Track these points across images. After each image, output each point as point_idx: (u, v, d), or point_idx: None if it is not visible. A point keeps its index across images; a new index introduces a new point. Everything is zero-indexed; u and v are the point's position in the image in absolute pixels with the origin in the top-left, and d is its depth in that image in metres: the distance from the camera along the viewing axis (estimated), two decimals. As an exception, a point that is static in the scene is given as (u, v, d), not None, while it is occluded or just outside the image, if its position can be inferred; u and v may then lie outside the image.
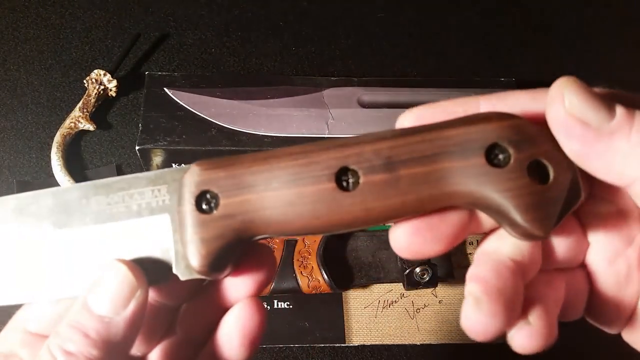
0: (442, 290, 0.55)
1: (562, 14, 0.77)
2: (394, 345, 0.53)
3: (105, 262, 0.23)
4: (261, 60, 0.69)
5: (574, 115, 0.21)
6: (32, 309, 0.25)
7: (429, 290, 0.55)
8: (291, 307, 0.54)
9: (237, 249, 0.24)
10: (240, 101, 0.55)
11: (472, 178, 0.22)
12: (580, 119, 0.21)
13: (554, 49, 0.74)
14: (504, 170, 0.22)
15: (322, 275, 0.52)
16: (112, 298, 0.22)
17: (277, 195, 0.23)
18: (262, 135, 0.53)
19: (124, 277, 0.23)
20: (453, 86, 0.59)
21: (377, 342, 0.53)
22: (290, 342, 0.52)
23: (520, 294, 0.23)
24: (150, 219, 0.24)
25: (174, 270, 0.24)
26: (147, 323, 0.26)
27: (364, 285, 0.55)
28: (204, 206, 0.23)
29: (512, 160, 0.22)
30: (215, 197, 0.23)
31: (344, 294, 0.54)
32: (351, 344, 0.52)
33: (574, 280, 0.25)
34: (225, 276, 0.25)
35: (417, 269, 0.51)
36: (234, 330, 0.25)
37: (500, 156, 0.22)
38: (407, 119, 0.25)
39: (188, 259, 0.23)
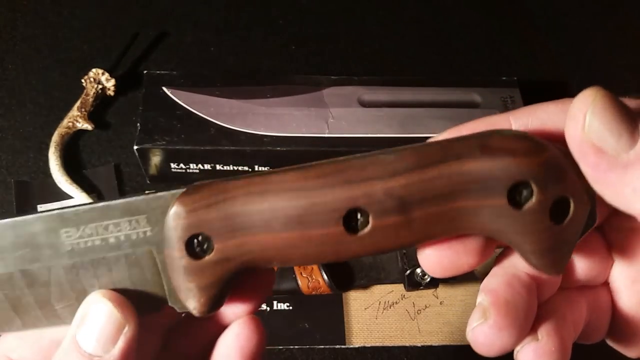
0: (443, 291, 0.55)
1: (563, 13, 0.77)
2: (394, 346, 0.52)
3: (90, 296, 0.22)
4: (261, 59, 0.69)
5: (590, 141, 0.19)
6: (15, 337, 0.24)
7: (430, 291, 0.54)
8: (291, 308, 0.53)
9: (235, 282, 0.22)
10: (239, 100, 0.55)
11: (490, 217, 0.20)
12: (597, 145, 0.19)
13: (555, 48, 0.74)
14: (525, 212, 0.20)
15: (322, 276, 0.51)
16: (99, 337, 0.21)
17: (279, 238, 0.21)
18: (262, 134, 0.53)
19: (110, 315, 0.22)
20: (454, 85, 0.59)
21: (377, 344, 0.52)
22: (290, 343, 0.52)
23: (531, 310, 0.22)
24: (133, 252, 0.22)
25: (170, 304, 0.23)
26: (139, 343, 0.25)
27: (365, 286, 0.55)
28: (196, 249, 0.21)
29: (534, 200, 0.20)
30: (207, 239, 0.21)
31: (344, 295, 0.54)
32: (351, 346, 0.52)
33: (598, 300, 0.24)
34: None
35: (418, 270, 0.51)
36: (233, 350, 0.24)
37: (524, 193, 0.20)
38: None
39: (184, 303, 0.22)
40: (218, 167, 0.55)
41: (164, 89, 0.55)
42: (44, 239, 0.22)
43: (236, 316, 0.25)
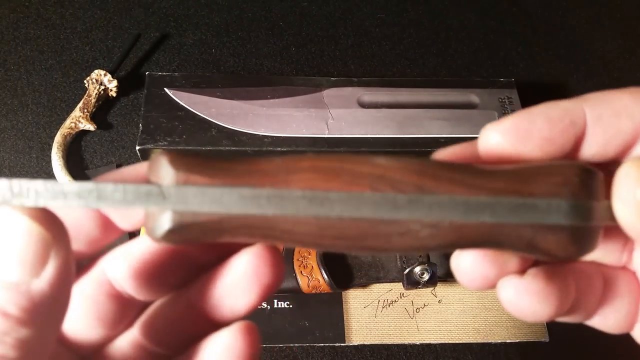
0: (441, 289, 0.55)
1: (561, 14, 0.77)
2: (393, 344, 0.53)
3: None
4: (261, 61, 0.69)
5: None
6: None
7: (429, 289, 0.55)
8: (291, 306, 0.54)
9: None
10: (240, 101, 0.56)
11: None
12: None
13: (553, 49, 0.74)
14: None
15: (322, 274, 0.52)
16: (20, 260, 0.17)
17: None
18: (262, 135, 0.54)
19: (28, 232, 0.17)
20: (453, 86, 0.59)
21: (376, 342, 0.53)
22: (290, 341, 0.52)
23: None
24: None
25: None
26: (110, 309, 0.22)
27: (364, 285, 0.55)
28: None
29: None
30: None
31: (343, 293, 0.55)
32: (351, 344, 0.53)
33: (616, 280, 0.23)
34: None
35: (417, 269, 0.51)
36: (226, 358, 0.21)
37: None
38: (494, 136, 0.21)
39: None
40: (219, 167, 0.55)
41: (166, 90, 0.56)
42: None
43: (231, 315, 0.22)
